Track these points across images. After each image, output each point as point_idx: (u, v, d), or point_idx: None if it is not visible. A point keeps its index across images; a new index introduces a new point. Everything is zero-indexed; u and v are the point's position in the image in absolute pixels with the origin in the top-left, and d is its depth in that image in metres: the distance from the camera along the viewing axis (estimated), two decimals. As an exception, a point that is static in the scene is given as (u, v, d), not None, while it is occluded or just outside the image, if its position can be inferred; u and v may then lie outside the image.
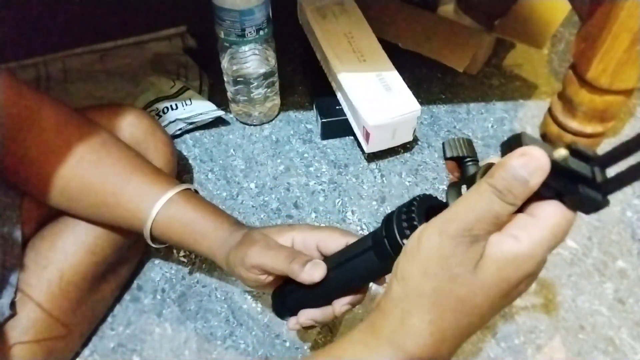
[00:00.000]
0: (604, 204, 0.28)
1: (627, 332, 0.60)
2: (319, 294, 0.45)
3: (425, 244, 0.30)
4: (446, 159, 0.36)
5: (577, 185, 0.28)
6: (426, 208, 0.36)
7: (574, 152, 0.28)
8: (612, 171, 0.28)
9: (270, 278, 0.46)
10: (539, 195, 0.28)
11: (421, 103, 0.72)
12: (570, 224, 0.29)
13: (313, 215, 0.70)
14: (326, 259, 0.45)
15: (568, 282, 0.64)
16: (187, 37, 0.89)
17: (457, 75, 0.86)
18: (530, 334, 0.60)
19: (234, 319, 0.61)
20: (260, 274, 0.46)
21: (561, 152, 0.27)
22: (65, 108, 0.52)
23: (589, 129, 0.72)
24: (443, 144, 0.36)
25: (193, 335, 0.60)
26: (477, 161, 0.35)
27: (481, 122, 0.83)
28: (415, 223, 0.35)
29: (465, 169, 0.35)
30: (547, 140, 0.78)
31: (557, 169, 0.27)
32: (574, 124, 0.73)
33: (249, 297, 0.63)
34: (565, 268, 0.65)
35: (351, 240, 0.44)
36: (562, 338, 0.60)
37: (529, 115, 0.84)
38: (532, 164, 0.27)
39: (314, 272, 0.42)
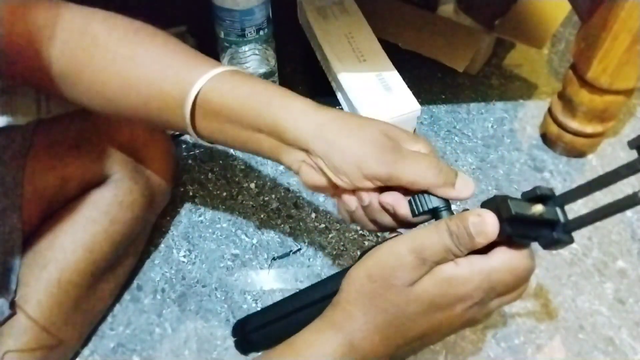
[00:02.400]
0: (570, 241, 0.33)
1: (627, 332, 0.60)
2: (289, 331, 0.40)
3: (377, 253, 0.35)
4: (415, 215, 0.38)
5: (550, 230, 0.33)
6: None
7: (542, 197, 0.33)
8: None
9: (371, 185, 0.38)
10: (516, 243, 0.33)
11: (421, 103, 0.72)
12: (519, 267, 0.33)
13: (313, 215, 0.70)
14: (300, 294, 0.45)
15: (568, 282, 0.64)
16: (187, 37, 0.89)
17: (457, 75, 0.86)
18: (530, 334, 0.60)
19: (234, 319, 0.61)
20: (373, 186, 0.38)
21: (538, 208, 0.33)
22: (86, 10, 0.46)
23: (589, 129, 0.72)
24: (409, 201, 0.38)
25: (193, 335, 0.60)
26: (450, 206, 0.38)
27: (481, 122, 0.83)
28: None
29: (439, 216, 0.38)
30: (547, 140, 0.78)
31: (534, 221, 0.33)
32: (574, 124, 0.73)
33: (249, 297, 0.63)
34: (565, 268, 0.65)
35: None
36: (562, 338, 0.60)
37: (529, 115, 0.84)
38: (481, 227, 0.32)
39: (465, 189, 0.37)
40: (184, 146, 0.79)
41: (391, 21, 0.86)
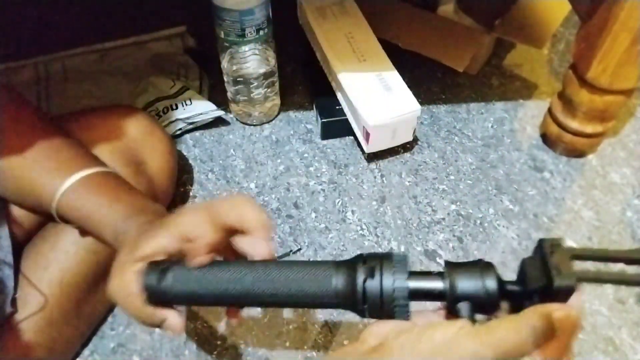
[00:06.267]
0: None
1: (627, 332, 0.60)
2: (216, 286, 0.35)
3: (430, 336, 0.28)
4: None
5: None
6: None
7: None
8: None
9: None
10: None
11: (421, 103, 0.72)
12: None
13: (313, 215, 0.70)
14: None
15: (568, 282, 0.64)
16: (187, 37, 0.89)
17: (457, 75, 0.86)
18: (530, 334, 0.60)
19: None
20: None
21: None
22: None
23: (589, 129, 0.72)
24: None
25: (193, 335, 0.60)
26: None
27: (481, 122, 0.83)
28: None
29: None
30: (547, 140, 0.78)
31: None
32: (574, 124, 0.73)
33: (249, 297, 0.63)
34: (565, 268, 0.65)
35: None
36: (562, 338, 0.60)
37: (529, 115, 0.84)
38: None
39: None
40: (183, 146, 0.79)
41: (391, 21, 0.86)
